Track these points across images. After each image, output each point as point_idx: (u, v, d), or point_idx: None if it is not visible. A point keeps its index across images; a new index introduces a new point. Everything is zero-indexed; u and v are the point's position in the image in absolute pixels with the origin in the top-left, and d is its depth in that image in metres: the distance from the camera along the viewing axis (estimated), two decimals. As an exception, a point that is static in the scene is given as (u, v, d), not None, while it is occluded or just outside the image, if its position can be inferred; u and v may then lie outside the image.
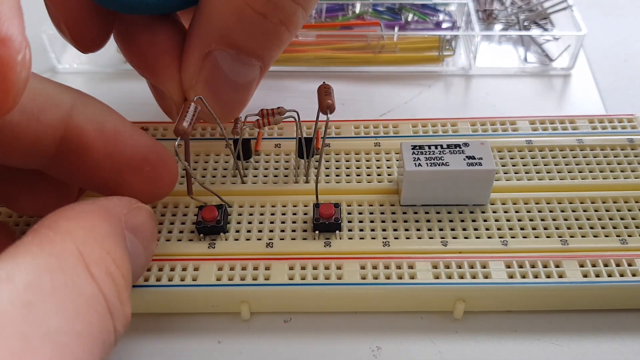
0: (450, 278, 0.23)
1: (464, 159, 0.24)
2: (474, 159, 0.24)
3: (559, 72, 0.36)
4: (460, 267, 0.23)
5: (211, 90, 0.24)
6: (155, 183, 0.22)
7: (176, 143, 0.20)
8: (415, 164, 0.24)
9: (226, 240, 0.24)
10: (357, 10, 0.40)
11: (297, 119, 0.25)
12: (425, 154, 0.24)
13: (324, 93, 0.23)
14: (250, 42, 0.23)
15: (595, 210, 0.25)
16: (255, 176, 0.27)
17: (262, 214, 0.25)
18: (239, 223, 0.25)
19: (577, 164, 0.27)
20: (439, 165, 0.24)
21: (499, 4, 0.41)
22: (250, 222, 0.25)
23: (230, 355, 0.23)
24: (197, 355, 0.23)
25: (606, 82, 0.36)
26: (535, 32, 0.39)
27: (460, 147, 0.24)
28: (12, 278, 0.14)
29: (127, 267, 0.18)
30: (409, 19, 0.39)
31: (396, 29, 0.38)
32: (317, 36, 0.37)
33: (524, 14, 0.40)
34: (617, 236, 0.24)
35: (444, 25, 0.39)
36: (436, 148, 0.25)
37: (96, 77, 0.37)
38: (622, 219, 0.25)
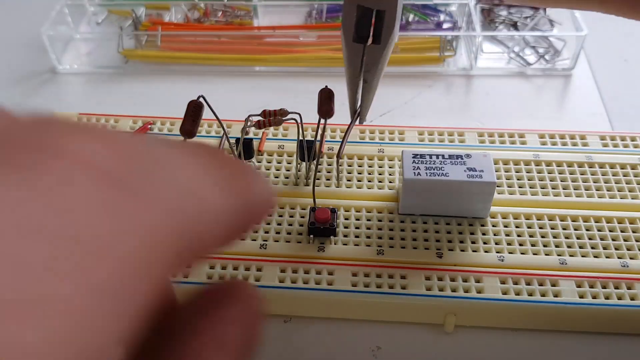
0: (442, 291, 0.22)
1: (465, 170, 0.24)
2: (475, 170, 0.24)
3: (559, 72, 0.36)
4: (453, 281, 0.23)
5: None
6: None
7: None
8: (414, 172, 0.24)
9: (221, 239, 0.24)
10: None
11: (299, 122, 0.25)
12: (425, 163, 0.24)
13: (325, 97, 0.23)
14: None
15: (598, 230, 0.24)
16: (256, 176, 0.27)
17: (259, 215, 0.25)
18: (235, 223, 0.25)
19: (584, 181, 0.26)
20: (438, 175, 0.24)
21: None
22: (246, 223, 0.25)
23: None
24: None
25: (606, 82, 0.35)
26: (535, 32, 0.38)
27: (462, 158, 0.24)
28: None
29: None
30: (410, 19, 0.39)
31: (397, 29, 0.38)
32: (317, 37, 0.37)
33: (525, 14, 0.39)
34: (619, 258, 0.23)
35: (445, 26, 0.38)
36: (437, 158, 0.24)
37: (96, 77, 0.36)
38: (625, 240, 0.24)
